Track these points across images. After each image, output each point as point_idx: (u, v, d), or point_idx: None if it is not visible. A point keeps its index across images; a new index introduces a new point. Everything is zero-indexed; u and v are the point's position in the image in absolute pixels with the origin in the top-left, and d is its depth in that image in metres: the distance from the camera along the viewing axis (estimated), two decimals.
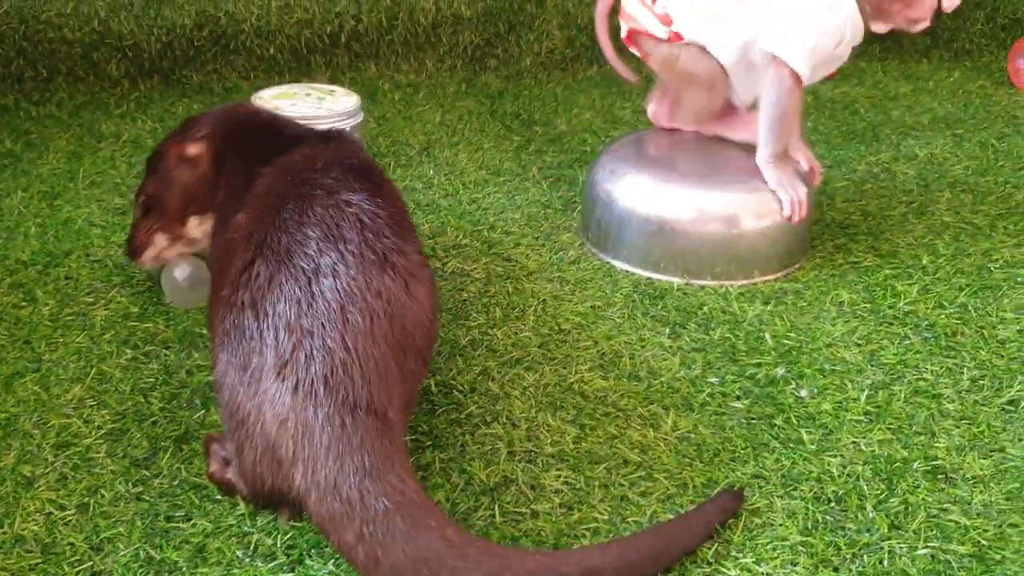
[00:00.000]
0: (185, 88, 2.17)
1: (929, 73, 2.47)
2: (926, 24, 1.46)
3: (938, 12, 2.48)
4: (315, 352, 0.92)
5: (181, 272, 1.36)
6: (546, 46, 2.35)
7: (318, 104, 1.71)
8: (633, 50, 1.56)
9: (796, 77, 1.43)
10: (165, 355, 1.26)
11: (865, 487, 1.07)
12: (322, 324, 0.93)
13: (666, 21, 1.47)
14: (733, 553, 0.97)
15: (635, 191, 1.51)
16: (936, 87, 2.38)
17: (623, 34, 1.55)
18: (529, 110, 2.15)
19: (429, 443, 1.12)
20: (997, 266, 1.53)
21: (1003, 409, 1.20)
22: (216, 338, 0.99)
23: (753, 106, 1.53)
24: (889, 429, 1.16)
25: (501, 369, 1.25)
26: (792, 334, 1.34)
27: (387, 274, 0.99)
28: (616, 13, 1.57)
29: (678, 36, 1.48)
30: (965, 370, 1.27)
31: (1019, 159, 1.94)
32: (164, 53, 2.14)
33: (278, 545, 0.97)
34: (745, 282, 1.48)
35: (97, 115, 2.04)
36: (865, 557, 0.98)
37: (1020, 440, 1.15)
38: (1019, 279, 1.49)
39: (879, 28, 1.48)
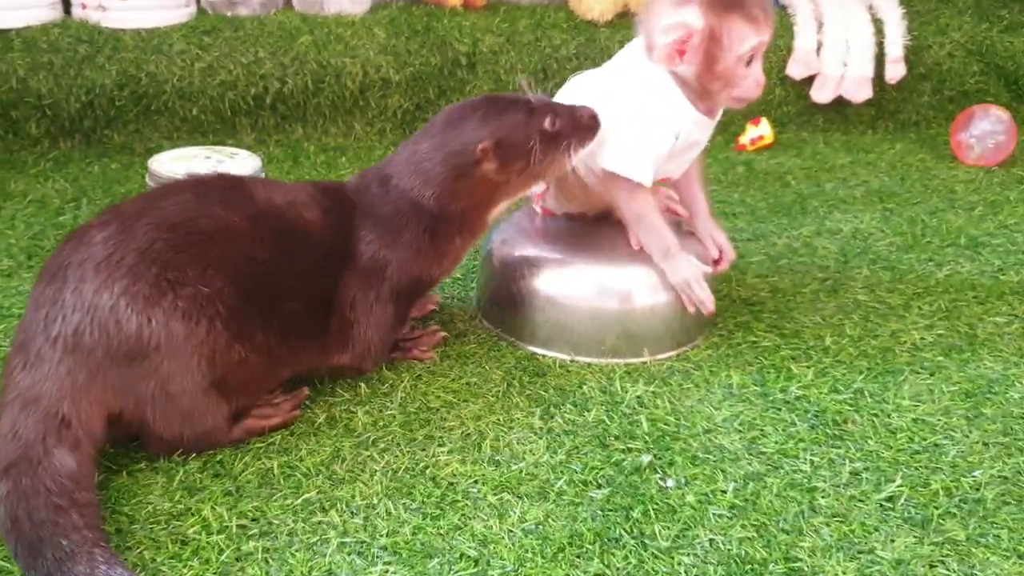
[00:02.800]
0: (106, 148, 2.14)
1: (871, 145, 2.44)
2: (750, 100, 1.39)
3: (882, 83, 2.47)
4: None
5: None
6: None
7: (215, 167, 1.67)
8: None
9: (633, 183, 1.38)
10: None
11: None
12: None
13: None
14: None
15: (526, 263, 1.46)
16: (876, 159, 2.33)
17: None
18: None
19: (256, 530, 1.05)
20: (904, 348, 1.47)
21: (880, 506, 1.13)
22: None
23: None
24: (753, 526, 1.09)
25: (354, 450, 1.19)
26: (671, 418, 1.28)
27: None
28: None
29: None
30: (847, 462, 1.20)
31: (947, 235, 1.88)
32: (85, 113, 2.11)
33: None
34: (633, 360, 1.42)
35: (11, 173, 2.00)
36: None
37: (892, 541, 1.07)
38: (924, 363, 1.43)
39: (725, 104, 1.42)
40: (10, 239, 1.71)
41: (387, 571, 1.00)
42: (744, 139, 2.38)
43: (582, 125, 1.33)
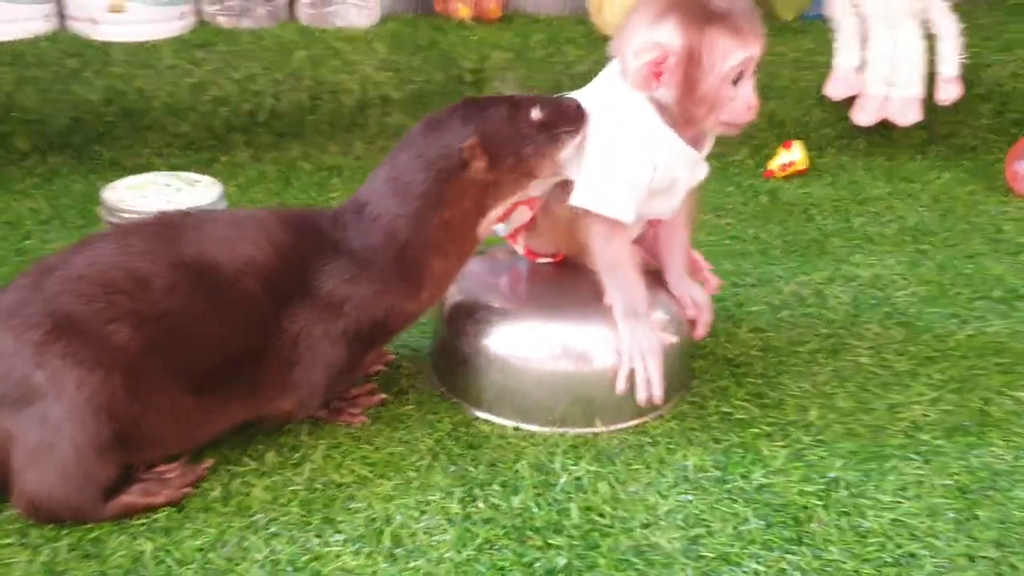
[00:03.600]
0: (96, 163, 2.07)
1: (916, 173, 2.22)
2: (741, 125, 1.23)
3: (934, 105, 2.25)
4: None
5: None
6: None
7: (168, 197, 1.58)
8: None
9: (611, 222, 1.23)
10: None
11: None
12: None
13: None
14: None
15: (474, 315, 1.32)
16: (919, 190, 2.12)
17: None
18: None
19: None
20: (899, 428, 1.29)
21: None
22: None
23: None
24: None
25: (240, 534, 1.07)
26: (607, 507, 1.13)
27: None
28: None
29: None
30: (799, 573, 1.04)
31: (981, 285, 1.68)
32: (74, 128, 2.05)
33: None
34: (583, 431, 1.27)
35: None
36: None
37: None
38: (919, 448, 1.24)
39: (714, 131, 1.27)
40: None
41: None
42: (774, 164, 2.19)
43: (570, 114, 1.22)
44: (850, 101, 2.26)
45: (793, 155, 2.18)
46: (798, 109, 2.27)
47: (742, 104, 1.20)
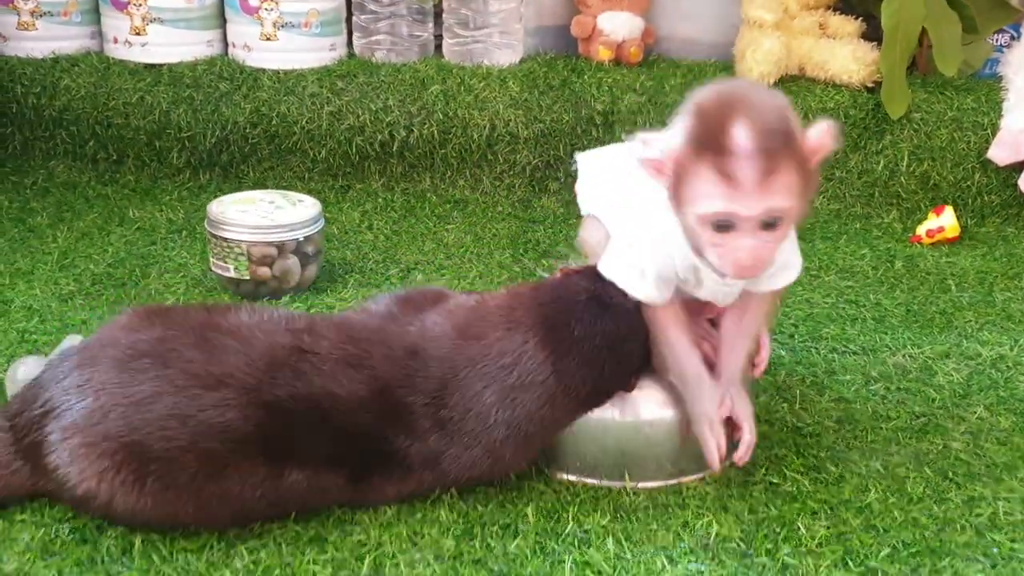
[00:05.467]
0: (241, 182, 2.18)
1: None
2: (732, 276, 1.06)
3: None
4: None
5: (24, 370, 1.32)
6: None
7: (268, 214, 1.64)
8: None
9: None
10: None
11: None
12: None
13: None
14: None
15: None
16: None
17: None
18: (555, 239, 1.96)
19: None
20: (972, 523, 1.13)
21: None
22: None
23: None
24: None
25: (230, 542, 1.08)
26: (606, 565, 1.05)
27: None
28: None
29: None
30: None
31: None
32: (222, 147, 2.17)
33: None
34: (612, 484, 1.20)
35: (145, 200, 2.10)
36: None
37: None
38: (987, 550, 1.09)
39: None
40: (91, 262, 1.78)
41: None
42: (921, 230, 2.02)
43: None
44: (1019, 168, 2.06)
45: (943, 220, 2.01)
46: (956, 172, 2.09)
47: (728, 258, 1.00)
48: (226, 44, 2.28)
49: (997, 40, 2.29)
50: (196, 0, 2.20)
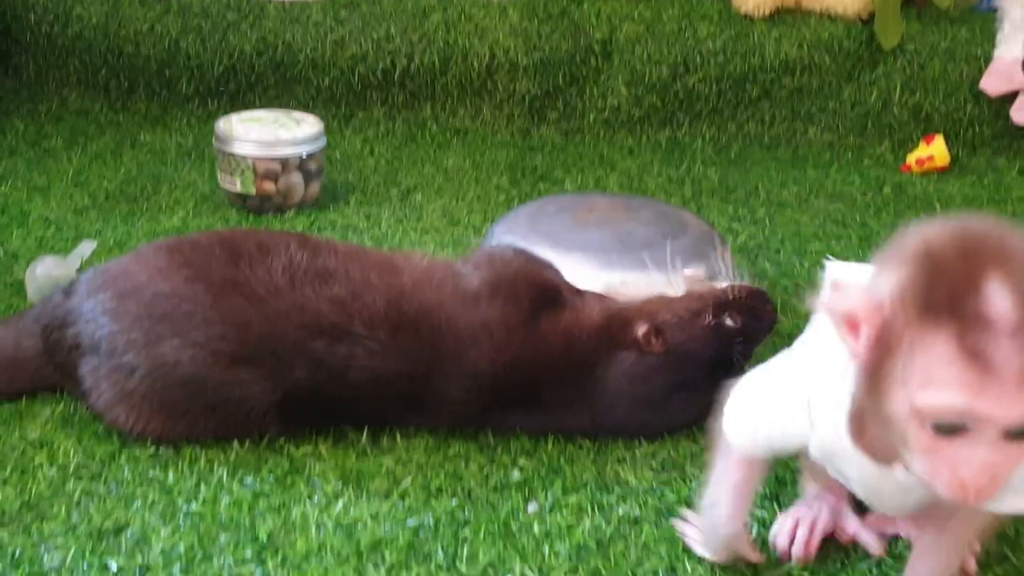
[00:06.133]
0: (249, 110, 2.23)
1: None
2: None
3: None
4: None
5: (43, 267, 1.39)
6: (611, 102, 2.19)
7: (272, 131, 1.70)
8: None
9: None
10: None
11: None
12: None
13: None
14: None
15: None
16: None
17: None
18: (552, 166, 2.01)
19: None
20: None
21: None
22: None
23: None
24: None
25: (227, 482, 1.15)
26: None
27: None
28: None
29: None
30: None
31: None
32: (229, 76, 2.23)
33: None
34: None
35: (156, 127, 2.15)
36: None
37: None
38: None
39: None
40: (104, 180, 1.84)
41: None
42: (911, 159, 2.07)
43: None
44: (1011, 98, 2.10)
45: (933, 150, 2.05)
46: (948, 103, 2.13)
47: (943, 472, 0.67)
48: None
49: None
50: None
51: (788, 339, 1.34)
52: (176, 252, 1.13)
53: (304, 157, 1.70)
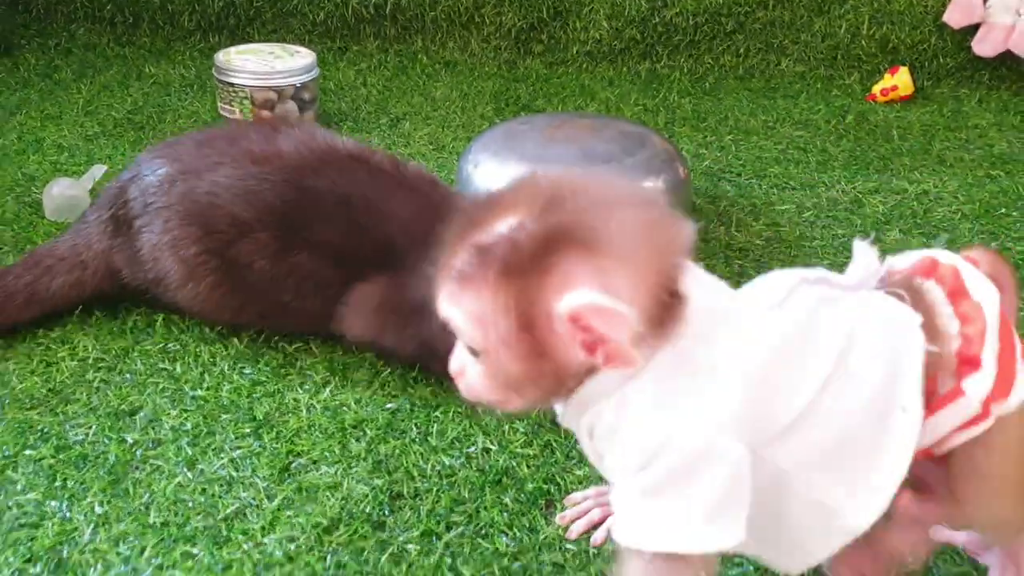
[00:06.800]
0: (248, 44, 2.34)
1: None
2: None
3: None
4: None
5: (58, 188, 1.52)
6: (592, 35, 2.30)
7: (267, 63, 1.81)
8: None
9: None
10: None
11: None
12: None
13: None
14: None
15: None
16: None
17: None
18: (535, 96, 2.12)
19: None
20: None
21: None
22: None
23: None
24: None
25: (232, 370, 1.29)
26: None
27: None
28: None
29: None
30: None
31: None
32: (229, 10, 2.33)
33: None
34: None
35: (160, 60, 2.27)
36: None
37: None
38: None
39: None
40: (113, 110, 1.97)
41: None
42: (876, 89, 2.17)
43: None
44: (972, 30, 2.20)
45: (897, 80, 2.15)
46: (914, 35, 2.23)
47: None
48: None
49: None
50: None
51: (741, 253, 1.48)
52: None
53: (298, 86, 1.81)
